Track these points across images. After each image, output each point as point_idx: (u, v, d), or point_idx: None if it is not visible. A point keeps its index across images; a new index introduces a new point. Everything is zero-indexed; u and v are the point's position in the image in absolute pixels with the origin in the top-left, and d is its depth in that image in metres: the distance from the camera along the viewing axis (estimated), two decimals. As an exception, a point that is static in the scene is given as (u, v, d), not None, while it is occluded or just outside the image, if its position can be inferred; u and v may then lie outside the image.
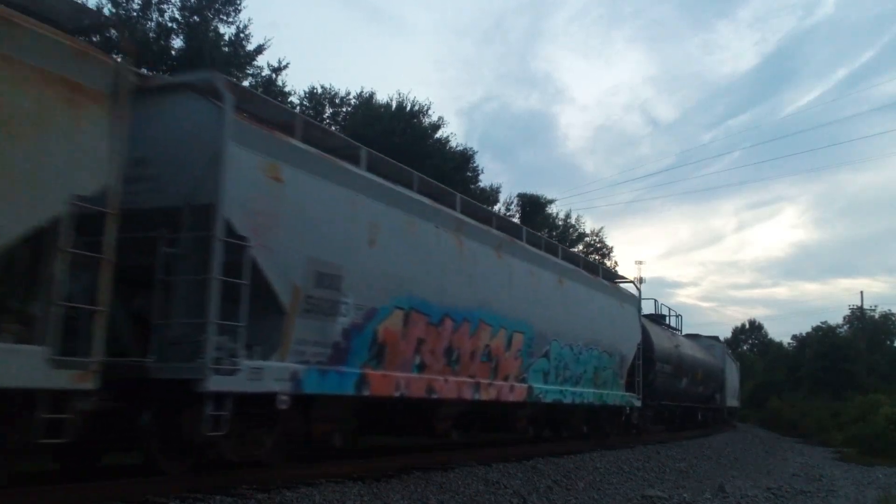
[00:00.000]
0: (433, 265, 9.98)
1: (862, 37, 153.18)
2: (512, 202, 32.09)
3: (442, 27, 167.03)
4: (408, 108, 24.09)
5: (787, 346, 65.27)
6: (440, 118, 26.46)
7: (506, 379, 11.97)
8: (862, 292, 59.15)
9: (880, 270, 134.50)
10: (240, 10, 18.65)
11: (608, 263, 37.94)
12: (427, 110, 24.71)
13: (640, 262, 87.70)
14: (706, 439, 23.56)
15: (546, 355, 13.36)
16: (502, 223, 13.09)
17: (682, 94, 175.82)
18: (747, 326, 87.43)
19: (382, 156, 9.94)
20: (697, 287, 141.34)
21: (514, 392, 12.16)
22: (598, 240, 38.32)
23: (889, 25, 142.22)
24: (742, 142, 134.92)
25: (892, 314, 58.57)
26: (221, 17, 18.47)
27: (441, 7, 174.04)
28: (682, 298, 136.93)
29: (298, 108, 23.22)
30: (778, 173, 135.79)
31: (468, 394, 10.61)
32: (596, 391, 15.64)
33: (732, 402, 38.34)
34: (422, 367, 9.61)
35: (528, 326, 12.65)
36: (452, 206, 10.99)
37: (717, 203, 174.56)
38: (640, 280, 50.55)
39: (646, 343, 19.35)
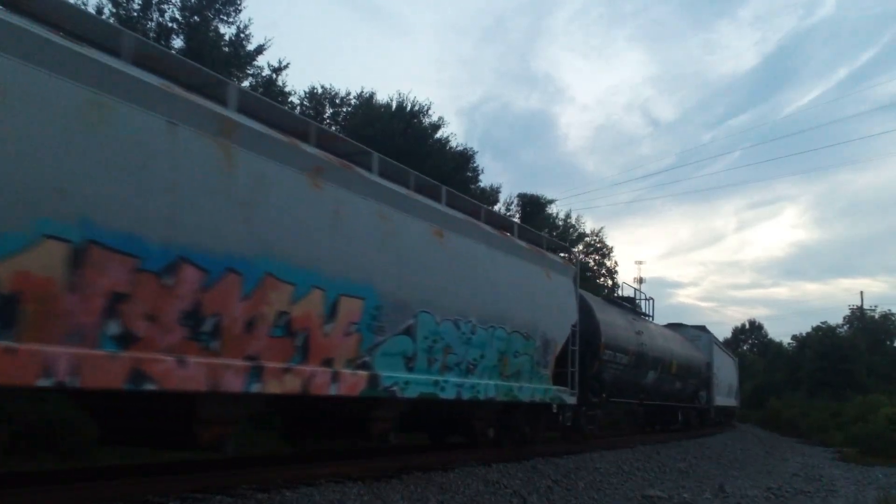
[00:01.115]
0: (153, 176, 6.05)
1: (862, 36, 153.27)
2: (512, 202, 32.09)
3: (442, 27, 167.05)
4: (408, 109, 24.07)
5: (787, 346, 65.19)
6: (440, 118, 26.47)
7: (326, 364, 7.90)
8: (862, 292, 59.29)
9: (880, 270, 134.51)
10: (240, 10, 18.65)
11: (608, 264, 37.99)
12: (427, 110, 24.70)
13: (640, 262, 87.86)
14: (706, 439, 23.53)
15: (409, 332, 9.24)
16: (331, 142, 8.86)
17: (682, 94, 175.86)
18: (747, 326, 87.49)
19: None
20: (697, 287, 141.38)
21: (343, 383, 8.08)
22: (598, 240, 38.31)
23: (889, 25, 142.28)
24: (742, 142, 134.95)
25: (892, 314, 58.48)
26: (221, 17, 18.46)
27: (441, 6, 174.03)
28: (682, 298, 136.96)
29: (298, 108, 23.23)
30: (778, 173, 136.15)
31: (237, 383, 6.73)
32: (502, 384, 11.45)
33: (725, 400, 33.95)
34: (125, 340, 5.80)
35: (371, 290, 8.55)
36: (222, 102, 7.06)
37: (717, 203, 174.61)
38: (640, 280, 50.47)
39: (587, 325, 15.23)
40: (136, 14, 17.40)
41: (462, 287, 10.57)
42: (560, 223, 35.73)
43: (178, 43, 17.70)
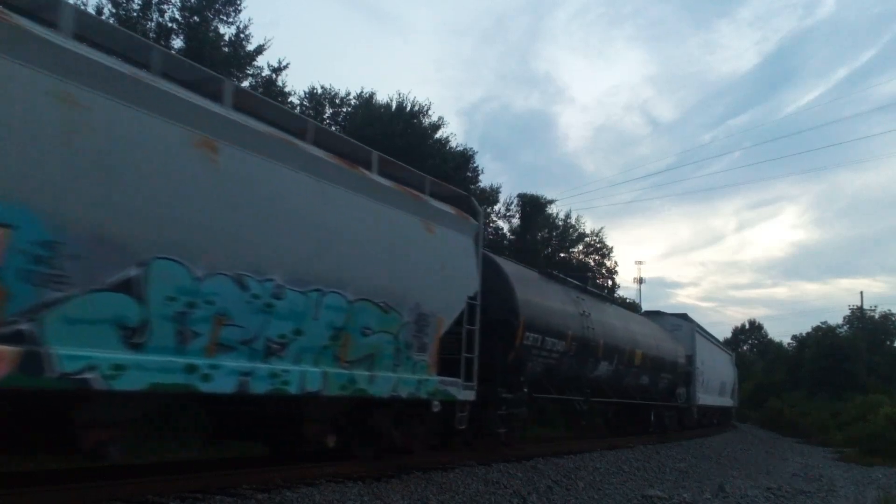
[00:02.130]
0: None
1: (862, 36, 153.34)
2: (512, 202, 32.07)
3: (442, 27, 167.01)
4: (408, 109, 24.07)
5: (787, 346, 65.26)
6: (440, 118, 26.50)
7: None
8: (862, 292, 59.24)
9: (880, 270, 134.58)
10: (240, 11, 18.66)
11: (608, 264, 37.93)
12: (427, 110, 24.70)
13: (640, 263, 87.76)
14: (706, 439, 23.52)
15: (130, 289, 6.10)
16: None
17: (682, 94, 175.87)
18: (747, 326, 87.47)
19: None
20: (697, 287, 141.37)
21: None
22: (597, 240, 38.25)
23: (889, 25, 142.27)
24: (742, 142, 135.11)
25: (892, 314, 58.56)
26: (221, 17, 18.46)
27: (441, 7, 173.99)
28: (682, 298, 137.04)
29: (298, 108, 23.22)
30: (778, 173, 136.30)
31: None
32: (338, 372, 8.23)
33: (715, 399, 30.24)
34: None
35: (29, 215, 5.42)
36: None
37: (717, 203, 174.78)
38: (641, 281, 50.37)
39: (500, 300, 12.13)
40: (135, 14, 17.40)
41: (255, 230, 7.24)
42: (560, 223, 35.70)
43: (177, 43, 17.71)
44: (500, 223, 31.16)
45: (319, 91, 24.41)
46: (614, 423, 21.74)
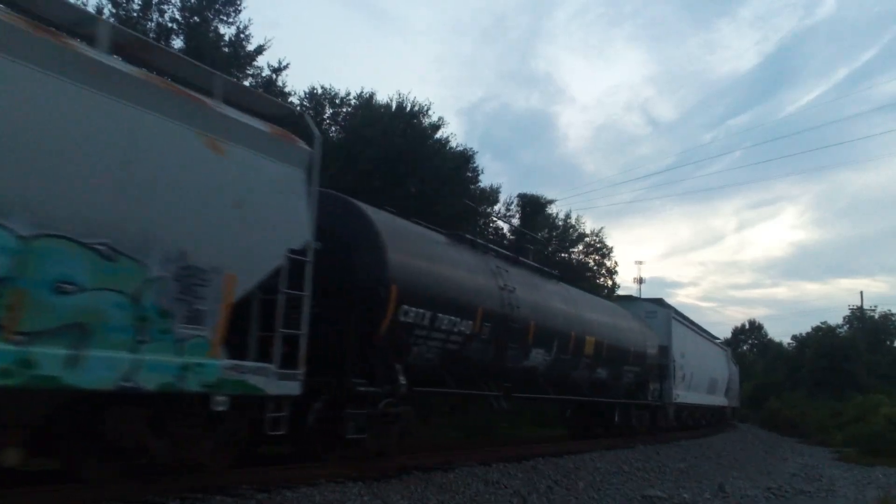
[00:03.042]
0: None
1: (863, 36, 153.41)
2: (512, 202, 32.07)
3: (442, 26, 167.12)
4: (408, 109, 24.03)
5: (787, 346, 65.34)
6: (440, 118, 26.42)
7: None
8: (862, 292, 59.32)
9: (880, 270, 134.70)
10: (240, 11, 18.67)
11: (608, 264, 37.92)
12: (427, 110, 24.66)
13: (640, 262, 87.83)
14: (706, 439, 23.52)
15: None
16: None
17: (682, 94, 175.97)
18: (747, 326, 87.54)
19: None
20: (697, 287, 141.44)
21: None
22: (598, 240, 38.26)
23: (890, 25, 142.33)
24: (742, 142, 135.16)
25: (892, 314, 58.65)
26: (221, 17, 18.48)
27: (441, 6, 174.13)
28: (682, 298, 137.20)
29: (299, 108, 23.22)
30: (778, 173, 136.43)
31: None
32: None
33: (698, 397, 26.80)
34: None
35: None
36: None
37: (717, 203, 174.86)
38: (641, 280, 50.35)
39: (353, 258, 9.33)
40: (136, 14, 17.41)
41: None
42: (560, 223, 35.71)
43: (177, 43, 17.72)
44: (501, 223, 31.20)
45: (319, 91, 24.40)
46: (573, 423, 19.32)
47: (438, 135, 24.94)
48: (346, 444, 9.17)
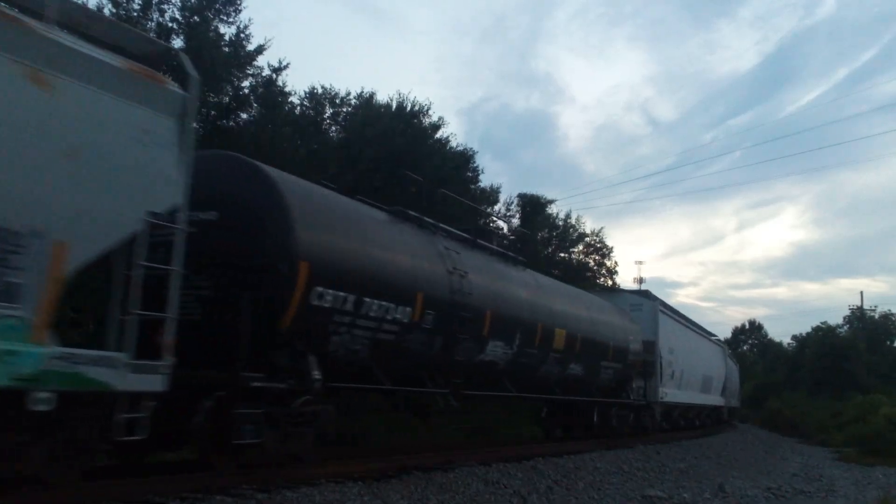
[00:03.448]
0: None
1: (863, 36, 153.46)
2: (512, 202, 32.09)
3: (442, 26, 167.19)
4: (408, 109, 24.07)
5: (787, 346, 65.44)
6: (440, 118, 26.46)
7: None
8: (862, 292, 59.33)
9: (880, 270, 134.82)
10: (240, 11, 18.66)
11: (608, 264, 37.92)
12: (427, 110, 24.70)
13: (640, 262, 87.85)
14: (706, 439, 23.52)
15: None
16: None
17: (682, 94, 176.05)
18: (747, 326, 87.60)
19: None
20: (697, 287, 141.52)
21: None
22: (598, 240, 38.28)
23: (890, 25, 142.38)
24: (742, 142, 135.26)
25: (892, 314, 58.71)
26: (222, 17, 18.47)
27: (441, 6, 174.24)
28: (682, 298, 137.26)
29: (299, 108, 23.25)
30: (778, 173, 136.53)
31: None
32: None
33: (691, 395, 25.35)
34: None
35: None
36: None
37: (717, 203, 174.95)
38: (641, 280, 50.50)
39: (252, 229, 7.95)
40: (136, 14, 17.42)
41: None
42: (560, 223, 35.72)
43: (178, 43, 17.73)
44: (501, 223, 31.22)
45: (319, 91, 24.44)
46: (550, 424, 18.02)
47: (438, 135, 25.01)
48: (239, 449, 7.54)
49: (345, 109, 24.66)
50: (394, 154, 21.32)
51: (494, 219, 30.23)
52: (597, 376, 16.53)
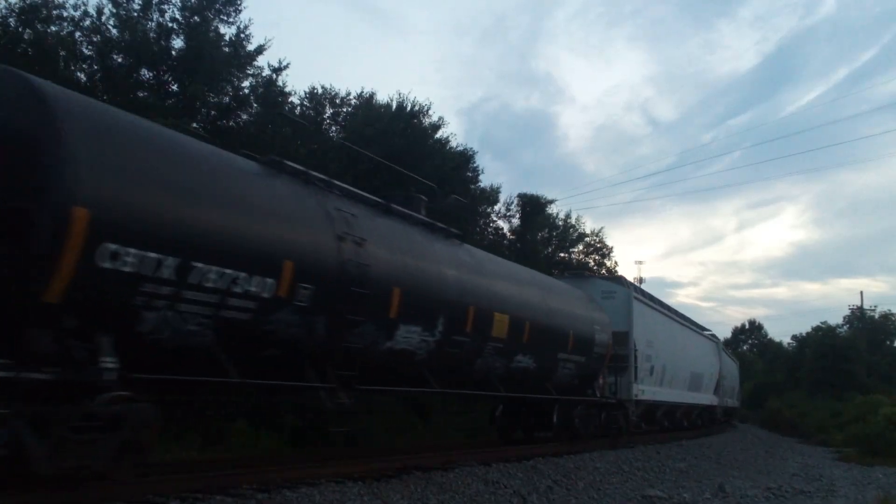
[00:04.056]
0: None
1: (863, 36, 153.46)
2: (512, 202, 32.08)
3: (442, 26, 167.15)
4: (408, 109, 24.06)
5: (787, 346, 65.40)
6: (440, 118, 26.47)
7: None
8: (862, 292, 59.28)
9: (880, 270, 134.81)
10: (240, 11, 18.68)
11: (608, 264, 37.90)
12: (427, 110, 24.70)
13: (640, 262, 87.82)
14: (706, 439, 23.51)
15: None
16: None
17: (682, 94, 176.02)
18: (747, 326, 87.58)
19: None
20: (697, 287, 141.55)
21: None
22: (598, 240, 38.28)
23: (890, 25, 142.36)
24: (742, 142, 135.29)
25: (892, 314, 58.69)
26: (222, 17, 18.48)
27: (441, 6, 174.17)
28: (682, 298, 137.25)
29: (299, 108, 23.25)
30: (778, 173, 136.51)
31: None
32: None
33: (677, 394, 23.24)
34: None
35: None
36: None
37: (717, 203, 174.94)
38: (641, 280, 50.45)
39: (17, 160, 5.85)
40: (136, 14, 17.42)
41: None
42: (560, 223, 35.71)
43: (178, 43, 17.74)
44: (501, 223, 31.21)
45: (320, 91, 24.44)
46: (504, 424, 15.65)
47: (438, 135, 25.00)
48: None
49: (345, 109, 24.67)
50: (394, 154, 21.33)
51: (494, 218, 30.27)
52: (554, 371, 14.23)
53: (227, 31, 18.58)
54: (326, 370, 8.64)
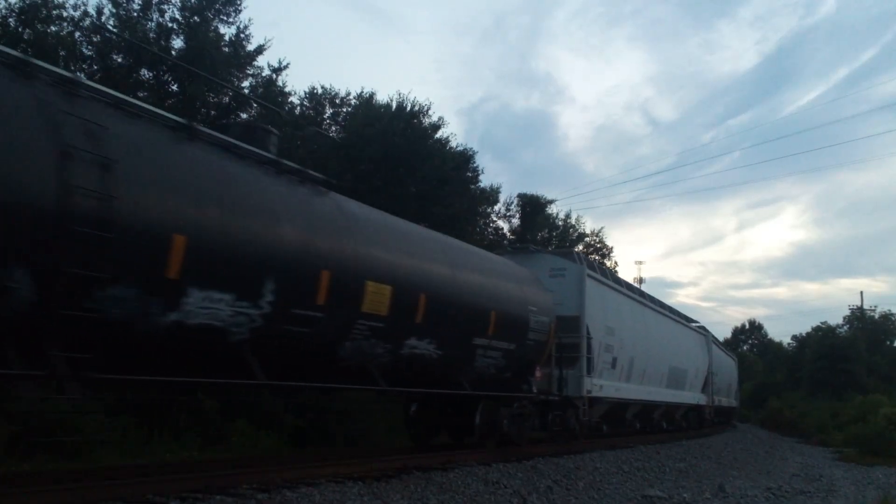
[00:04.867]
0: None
1: (863, 36, 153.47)
2: (512, 202, 32.09)
3: (442, 27, 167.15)
4: (408, 109, 24.05)
5: (787, 346, 65.36)
6: (440, 118, 26.47)
7: None
8: (862, 292, 59.28)
9: (880, 270, 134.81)
10: (240, 11, 18.68)
11: (608, 264, 37.90)
12: (427, 110, 24.69)
13: (640, 262, 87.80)
14: (706, 439, 23.51)
15: None
16: None
17: (682, 94, 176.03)
18: (747, 326, 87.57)
19: None
20: (697, 287, 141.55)
21: None
22: (598, 240, 38.30)
23: (890, 25, 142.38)
24: (742, 142, 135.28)
25: (892, 314, 58.68)
26: (222, 17, 18.48)
27: (441, 7, 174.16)
28: (682, 298, 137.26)
29: (299, 108, 23.25)
30: (778, 173, 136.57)
31: None
32: None
33: (651, 391, 19.96)
34: None
35: None
36: None
37: (717, 203, 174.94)
38: (641, 280, 50.41)
39: None
40: (136, 14, 17.42)
41: None
42: (560, 223, 35.73)
43: (178, 43, 17.73)
44: (501, 223, 31.21)
45: (319, 91, 24.45)
46: (418, 426, 13.26)
47: (438, 135, 24.98)
48: None
49: (345, 109, 24.68)
50: (394, 154, 21.34)
51: (494, 218, 30.27)
52: (469, 361, 11.42)
53: (227, 32, 18.60)
54: (45, 350, 5.92)
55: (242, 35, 18.57)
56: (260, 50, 19.00)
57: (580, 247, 36.87)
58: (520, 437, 13.10)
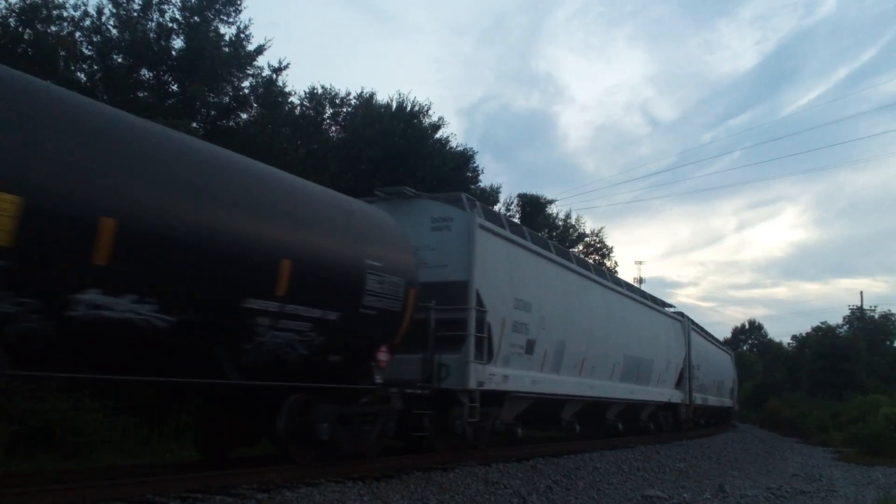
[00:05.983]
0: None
1: (863, 36, 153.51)
2: (512, 202, 32.10)
3: (442, 27, 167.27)
4: (408, 109, 24.08)
5: (786, 346, 65.32)
6: (440, 118, 26.52)
7: None
8: (862, 292, 59.35)
9: (880, 270, 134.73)
10: (240, 11, 18.70)
11: (608, 264, 37.90)
12: (427, 110, 24.72)
13: (640, 262, 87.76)
14: (706, 439, 23.51)
15: None
16: None
17: (682, 94, 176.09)
18: (747, 326, 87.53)
19: None
20: (697, 287, 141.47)
21: None
22: (598, 240, 38.31)
23: (890, 25, 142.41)
24: (742, 142, 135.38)
25: (892, 314, 58.62)
26: (222, 17, 18.50)
27: (441, 6, 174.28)
28: (682, 298, 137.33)
29: (298, 108, 23.27)
30: (778, 173, 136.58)
31: None
32: None
33: (605, 385, 16.50)
34: None
35: None
36: None
37: (717, 203, 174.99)
38: (640, 280, 50.38)
39: None
40: (136, 14, 17.43)
41: None
42: (560, 223, 35.73)
43: (178, 43, 17.74)
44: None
45: (319, 91, 24.48)
46: (210, 434, 9.48)
47: (438, 135, 25.02)
48: None
49: (345, 109, 24.70)
50: (394, 154, 21.34)
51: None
52: (242, 333, 7.43)
53: (227, 32, 18.62)
54: None
55: (242, 35, 18.61)
56: (260, 50, 19.02)
57: (580, 247, 36.87)
58: (350, 444, 9.05)
